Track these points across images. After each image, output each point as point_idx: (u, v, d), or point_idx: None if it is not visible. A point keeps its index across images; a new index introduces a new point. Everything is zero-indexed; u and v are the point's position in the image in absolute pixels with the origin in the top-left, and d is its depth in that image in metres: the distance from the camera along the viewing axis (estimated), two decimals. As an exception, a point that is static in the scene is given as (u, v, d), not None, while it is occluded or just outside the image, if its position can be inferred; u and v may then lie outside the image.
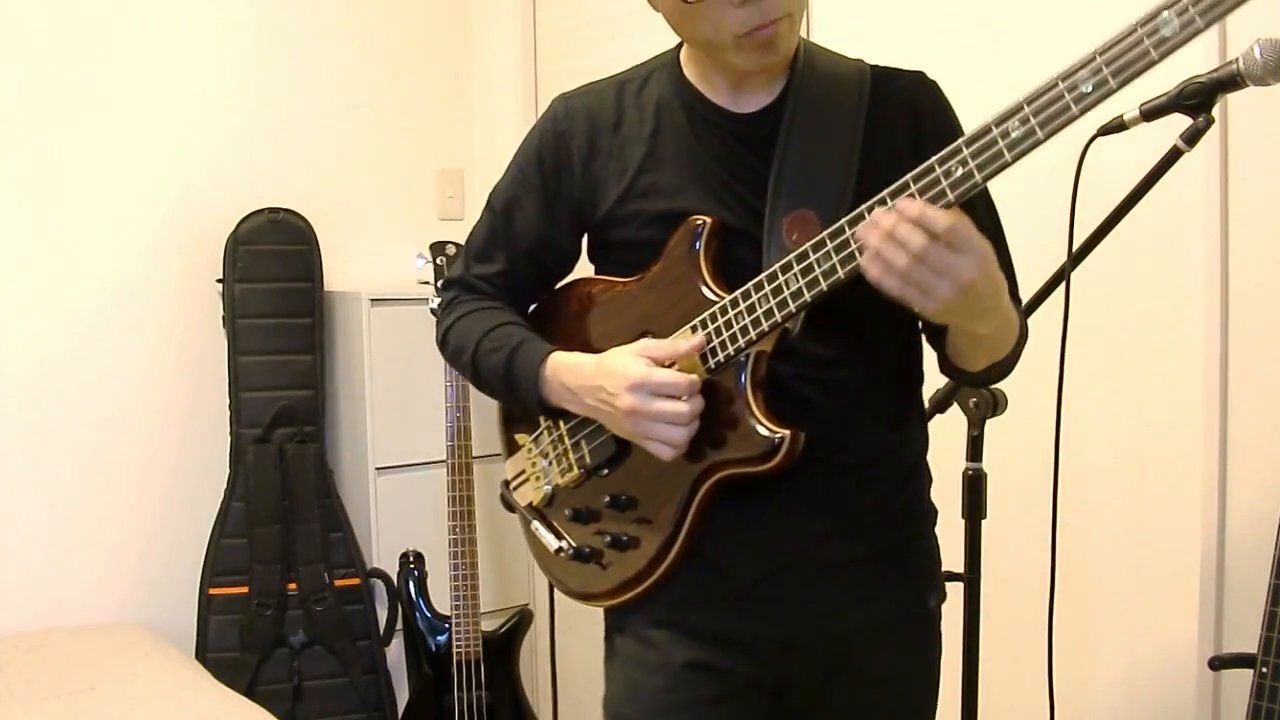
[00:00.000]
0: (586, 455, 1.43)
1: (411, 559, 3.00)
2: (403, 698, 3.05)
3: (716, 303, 1.31)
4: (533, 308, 1.56)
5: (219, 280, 3.06)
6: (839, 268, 1.22)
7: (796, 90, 1.37)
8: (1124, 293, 1.97)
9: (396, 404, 3.10)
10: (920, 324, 1.44)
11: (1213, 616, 1.87)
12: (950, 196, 1.15)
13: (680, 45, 1.44)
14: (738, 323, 1.28)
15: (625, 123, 1.41)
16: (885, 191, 1.19)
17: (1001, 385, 1.67)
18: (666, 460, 1.30)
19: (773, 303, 1.26)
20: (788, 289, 1.25)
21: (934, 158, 1.16)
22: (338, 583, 3.03)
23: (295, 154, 3.21)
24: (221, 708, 2.35)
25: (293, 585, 2.99)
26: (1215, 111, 1.41)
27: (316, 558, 3.02)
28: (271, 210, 3.07)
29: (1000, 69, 2.16)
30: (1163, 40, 1.05)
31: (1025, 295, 1.64)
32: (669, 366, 1.31)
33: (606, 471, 1.42)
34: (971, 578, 1.69)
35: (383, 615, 3.11)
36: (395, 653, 3.11)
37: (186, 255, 3.06)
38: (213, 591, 2.97)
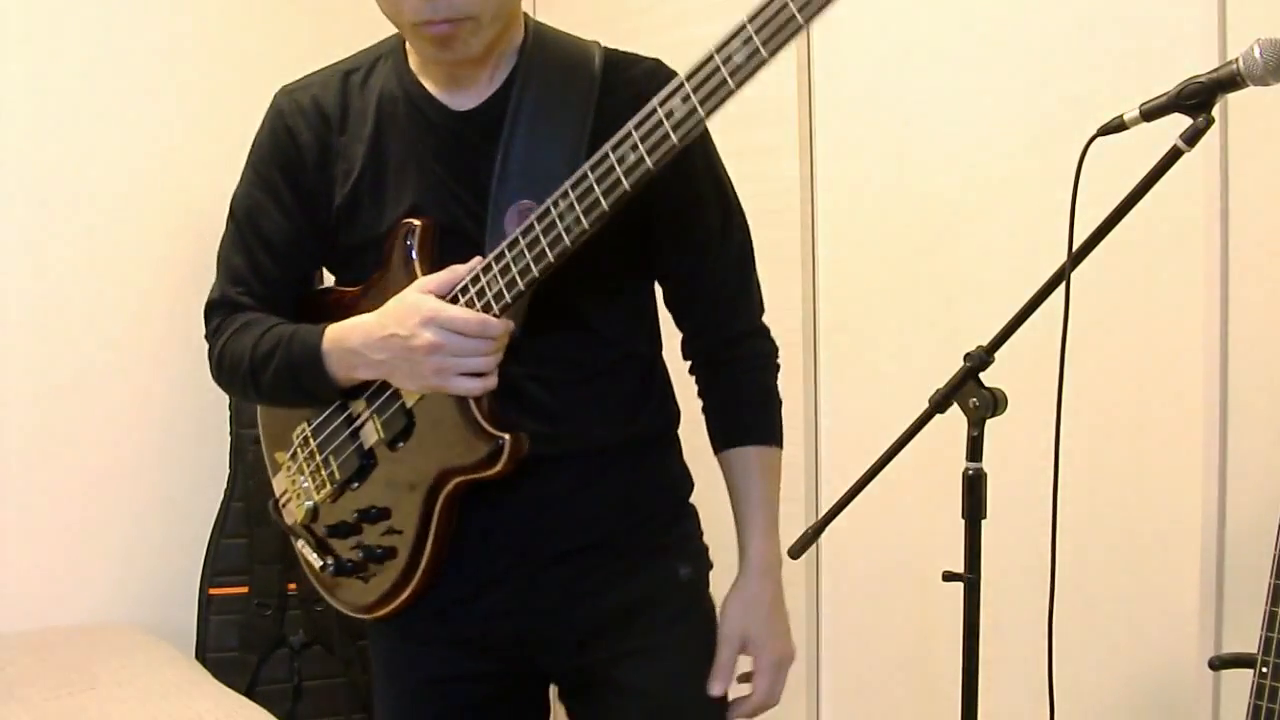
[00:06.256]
0: (336, 470, 1.41)
1: (411, 559, 2.99)
2: (403, 698, 3.05)
3: None
4: None
5: (219, 280, 3.06)
6: (533, 265, 1.20)
7: (522, 81, 1.34)
8: (1124, 292, 1.97)
9: (396, 404, 3.09)
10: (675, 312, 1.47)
11: (1213, 616, 1.87)
12: (626, 184, 1.14)
13: None
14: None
15: (350, 120, 1.37)
16: (567, 181, 1.18)
17: (1001, 385, 1.67)
18: (477, 394, 1.25)
19: (484, 300, 1.24)
20: (495, 285, 1.23)
21: (607, 144, 1.15)
22: (338, 583, 3.03)
23: (295, 154, 3.21)
24: (221, 708, 2.34)
25: (293, 585, 2.99)
26: (1215, 111, 1.41)
27: (316, 558, 3.01)
28: (271, 210, 3.06)
29: (996, 74, 2.16)
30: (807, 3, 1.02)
31: (1025, 295, 1.64)
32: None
33: (356, 485, 1.40)
34: (971, 578, 1.68)
35: (383, 615, 3.11)
36: (395, 653, 3.11)
37: (187, 255, 3.06)
38: (213, 591, 2.97)
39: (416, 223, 1.31)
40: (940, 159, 2.26)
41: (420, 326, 1.22)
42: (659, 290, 1.48)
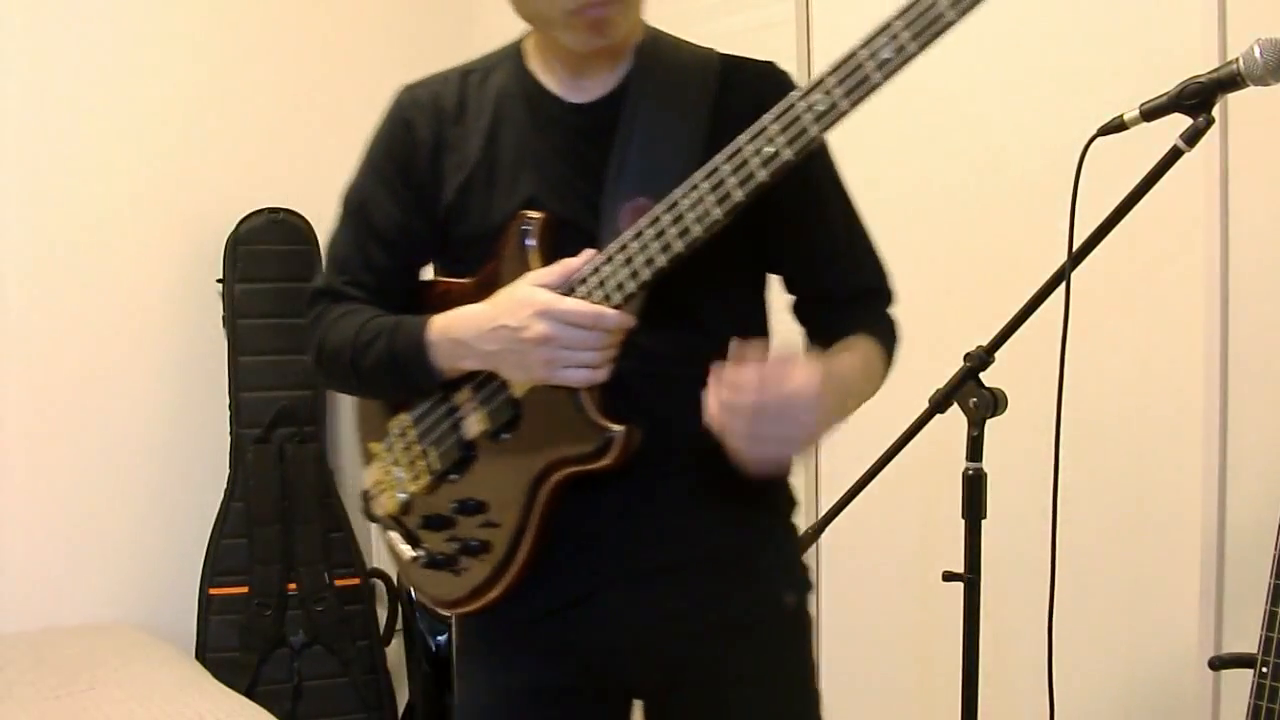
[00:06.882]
0: (434, 461, 1.39)
1: (411, 559, 3.00)
2: (403, 698, 3.05)
3: None
4: None
5: (219, 280, 3.06)
6: (657, 257, 1.20)
7: (639, 78, 1.34)
8: (1124, 293, 1.97)
9: (396, 404, 3.09)
10: (803, 323, 1.43)
11: (1213, 616, 1.87)
12: (763, 174, 1.15)
13: (527, 34, 1.41)
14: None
15: (467, 115, 1.38)
16: (698, 174, 1.19)
17: (1001, 385, 1.67)
18: (585, 385, 1.24)
19: (603, 292, 1.23)
20: (615, 277, 1.23)
21: (742, 135, 1.16)
22: (338, 583, 3.03)
23: (295, 154, 3.21)
24: (221, 708, 2.34)
25: (293, 585, 2.99)
26: (1215, 111, 1.41)
27: (316, 558, 3.01)
28: (271, 210, 3.07)
29: (996, 74, 2.16)
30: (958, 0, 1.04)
31: (1025, 295, 1.64)
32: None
33: (454, 477, 1.38)
34: (971, 578, 1.69)
35: (383, 615, 3.11)
36: (395, 653, 3.11)
37: (186, 255, 3.06)
38: (213, 591, 2.97)
39: (535, 215, 1.30)
40: (940, 158, 2.27)
41: (533, 318, 1.22)
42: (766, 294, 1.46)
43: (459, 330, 1.30)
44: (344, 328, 1.40)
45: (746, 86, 1.36)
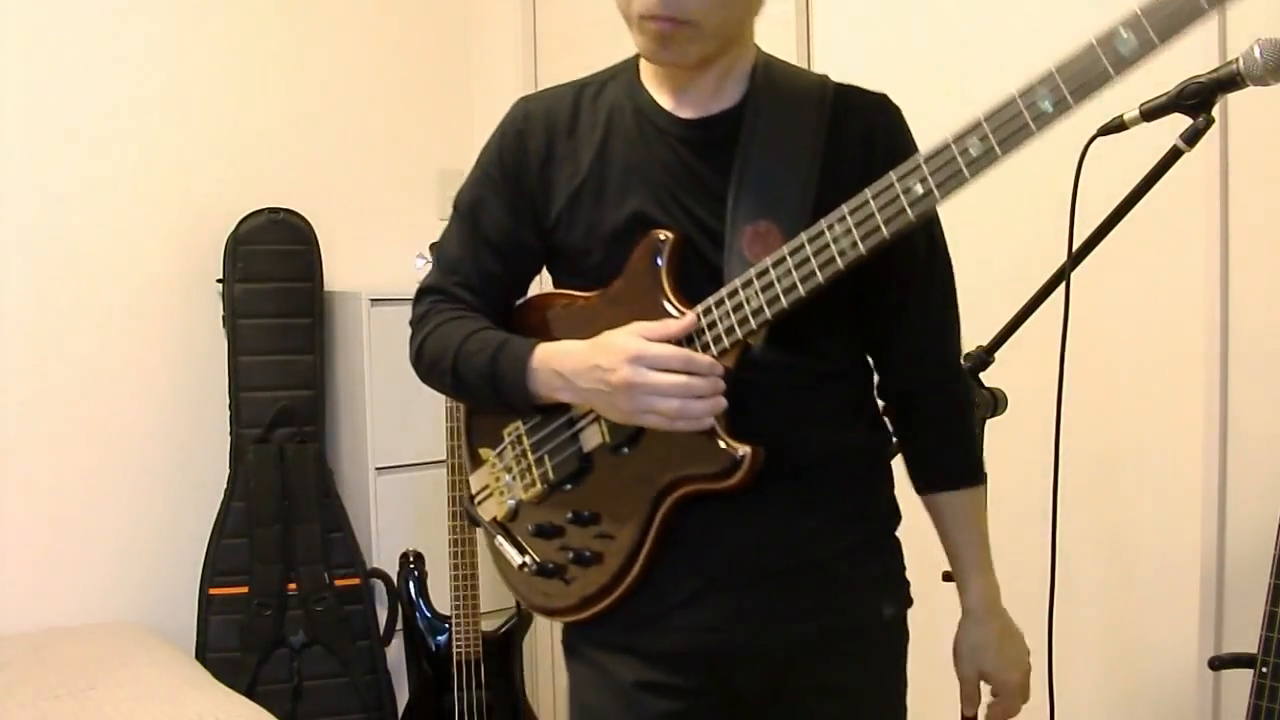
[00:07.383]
0: (550, 470, 1.41)
1: (411, 559, 3.00)
2: (403, 698, 3.05)
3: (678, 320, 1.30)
4: None
5: (219, 280, 3.06)
6: (800, 284, 1.21)
7: (755, 101, 1.36)
8: (1124, 293, 1.97)
9: (396, 404, 3.10)
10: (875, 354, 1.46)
11: (1213, 616, 1.87)
12: (910, 214, 1.16)
13: None
14: (698, 339, 1.27)
15: (580, 126, 1.41)
16: (845, 206, 1.20)
17: (1001, 385, 1.67)
18: (664, 429, 1.27)
19: (734, 319, 1.25)
20: (748, 305, 1.24)
21: (892, 172, 1.17)
22: (338, 583, 3.03)
23: (295, 154, 3.21)
24: (221, 708, 2.34)
25: (293, 585, 2.99)
26: (1215, 111, 1.41)
27: (316, 558, 3.02)
28: (271, 210, 3.07)
29: (995, 76, 2.16)
30: (1120, 58, 1.05)
31: (1025, 295, 1.64)
32: None
33: (569, 487, 1.41)
34: (971, 578, 1.68)
35: (383, 615, 3.11)
36: (395, 653, 3.11)
37: (186, 255, 3.07)
38: (213, 591, 2.97)
39: (667, 235, 1.32)
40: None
41: (621, 363, 1.25)
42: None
43: (559, 364, 1.34)
44: (449, 333, 1.44)
45: (859, 115, 1.38)
